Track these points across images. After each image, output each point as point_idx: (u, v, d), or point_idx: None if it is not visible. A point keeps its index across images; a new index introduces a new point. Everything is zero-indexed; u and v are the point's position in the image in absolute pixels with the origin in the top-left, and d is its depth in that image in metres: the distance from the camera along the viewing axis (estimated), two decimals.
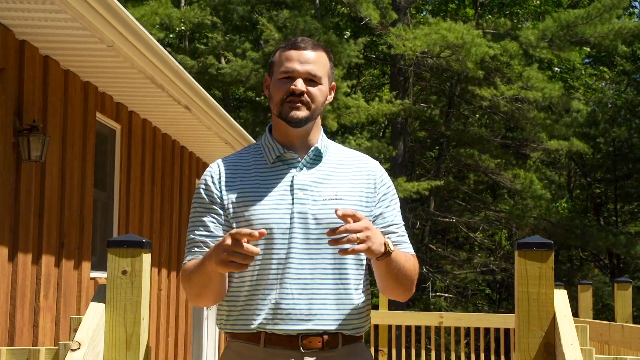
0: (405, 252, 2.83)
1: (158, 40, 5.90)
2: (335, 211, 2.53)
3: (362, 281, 2.84)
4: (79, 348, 3.12)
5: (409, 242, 2.92)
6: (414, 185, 21.42)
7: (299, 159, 2.83)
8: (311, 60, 2.80)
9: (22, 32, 6.01)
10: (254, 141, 10.28)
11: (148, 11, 21.01)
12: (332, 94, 2.92)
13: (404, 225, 2.93)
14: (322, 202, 2.76)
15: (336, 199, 2.77)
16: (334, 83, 2.92)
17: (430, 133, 27.26)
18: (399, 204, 2.96)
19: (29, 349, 3.31)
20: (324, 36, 20.75)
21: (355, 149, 3.28)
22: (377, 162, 2.97)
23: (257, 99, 27.10)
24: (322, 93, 2.82)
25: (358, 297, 2.81)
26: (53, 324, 6.65)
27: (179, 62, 19.80)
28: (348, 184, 2.83)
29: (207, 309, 11.49)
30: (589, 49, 24.65)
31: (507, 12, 30.11)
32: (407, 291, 2.82)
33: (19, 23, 5.82)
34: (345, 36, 25.70)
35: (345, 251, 2.51)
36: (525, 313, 3.23)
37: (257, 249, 2.49)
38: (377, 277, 2.79)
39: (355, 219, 2.53)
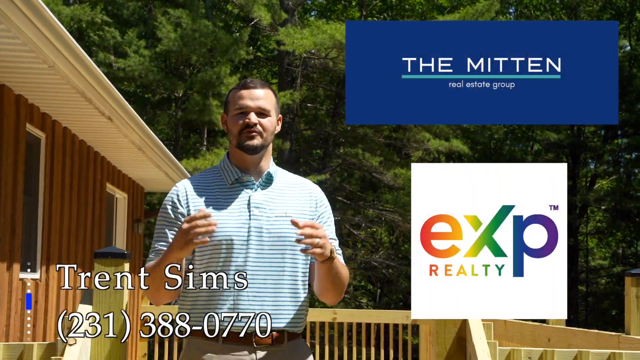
0: (341, 262, 3.41)
1: None
2: (294, 223, 3.07)
3: (306, 285, 3.41)
4: (75, 343, 3.70)
5: (342, 254, 3.49)
6: None
7: (254, 181, 3.40)
8: (261, 97, 3.38)
9: None
10: (162, 144, 10.82)
11: None
12: (280, 125, 3.51)
13: (337, 240, 3.51)
14: (274, 218, 3.32)
15: (286, 216, 3.34)
16: (280, 115, 3.52)
17: (317, 132, 27.92)
18: (334, 223, 3.54)
19: (24, 344, 3.87)
20: (213, 35, 21.19)
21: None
22: (318, 187, 3.58)
23: (146, 96, 27.26)
24: (271, 124, 3.41)
25: (302, 300, 3.37)
26: None
27: None
28: (295, 203, 3.41)
29: None
30: None
31: (392, 15, 31.12)
32: (339, 295, 3.38)
33: None
34: (235, 36, 26.18)
35: (304, 249, 3.11)
36: None
37: (210, 220, 3.05)
38: (317, 279, 3.32)
39: (315, 227, 3.10)
